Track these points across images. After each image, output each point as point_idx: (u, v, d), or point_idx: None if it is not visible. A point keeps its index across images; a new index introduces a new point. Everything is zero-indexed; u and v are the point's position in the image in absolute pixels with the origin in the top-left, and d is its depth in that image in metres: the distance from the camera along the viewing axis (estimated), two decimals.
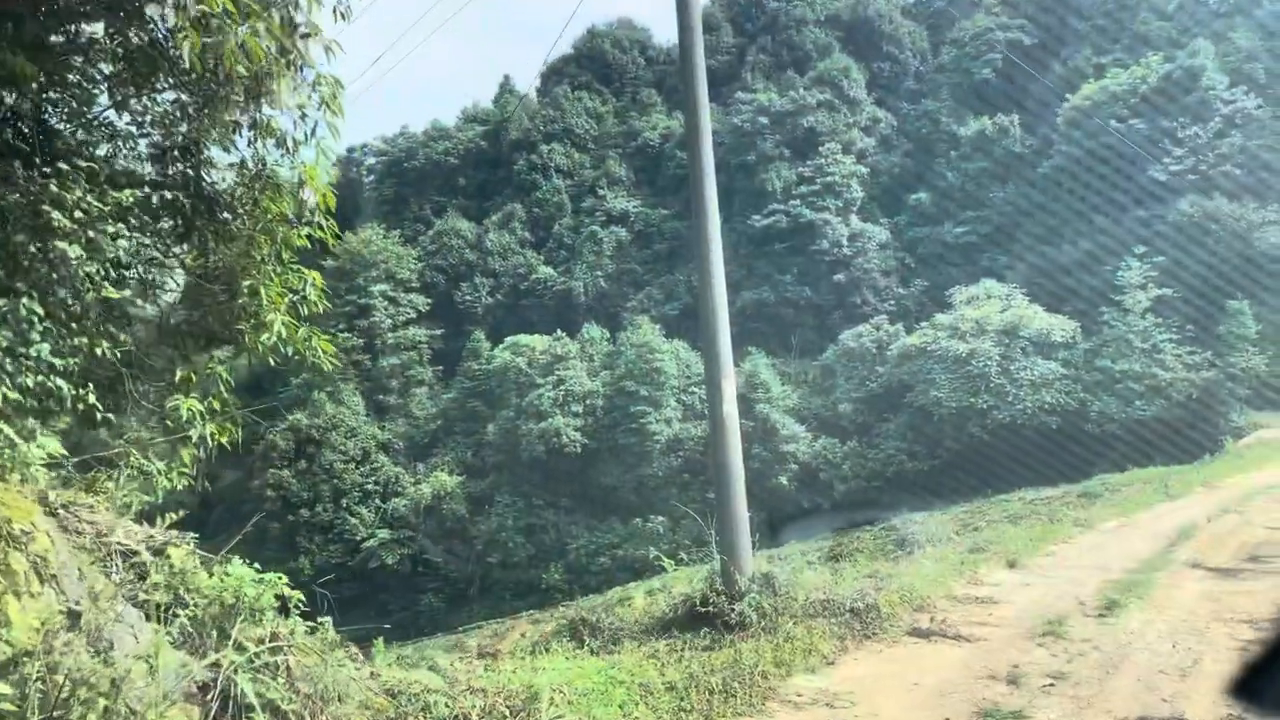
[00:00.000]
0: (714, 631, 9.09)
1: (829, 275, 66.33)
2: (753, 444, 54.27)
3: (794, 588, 9.71)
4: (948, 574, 12.32)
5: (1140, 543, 15.45)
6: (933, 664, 8.64)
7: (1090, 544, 15.65)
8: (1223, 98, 54.96)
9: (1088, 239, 58.26)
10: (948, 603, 11.10)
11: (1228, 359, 45.03)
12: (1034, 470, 44.86)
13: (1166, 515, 19.25)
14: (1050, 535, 15.92)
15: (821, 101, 72.21)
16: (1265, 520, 17.86)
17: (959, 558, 13.55)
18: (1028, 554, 14.23)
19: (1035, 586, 12.10)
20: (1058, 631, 9.45)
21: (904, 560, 14.29)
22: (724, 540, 9.76)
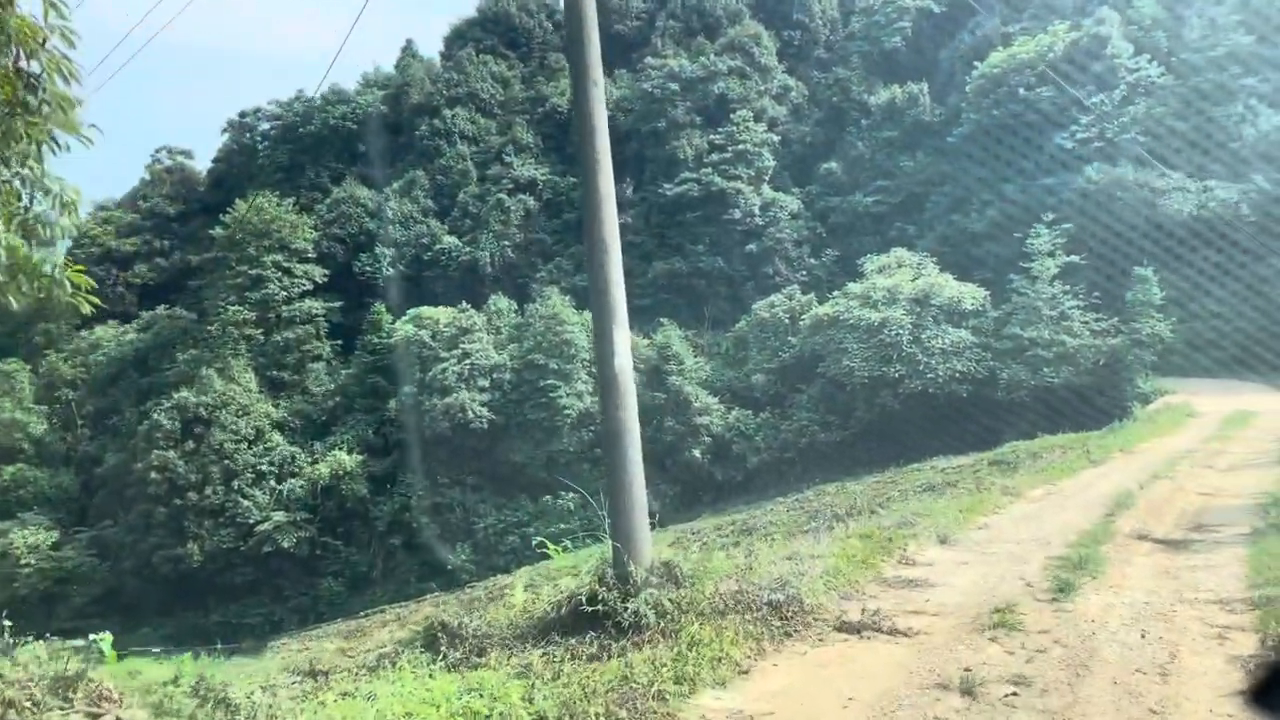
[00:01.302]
0: (603, 636, 7.41)
1: (741, 245, 65.21)
2: (665, 417, 53.07)
3: (701, 577, 8.07)
4: (875, 553, 10.87)
5: (1075, 512, 14.31)
6: (868, 668, 7.12)
7: (1022, 514, 14.45)
8: (1127, 66, 55.20)
9: (996, 207, 58.23)
10: (878, 588, 9.63)
11: (1134, 325, 45.13)
12: (945, 439, 44.54)
13: (1094, 482, 18.30)
14: (979, 506, 14.68)
15: (733, 68, 70.81)
16: (1196, 486, 17.01)
17: (886, 534, 12.13)
18: (959, 528, 12.92)
19: (973, 565, 10.73)
20: (1010, 622, 8.02)
21: (825, 536, 12.82)
22: (617, 523, 8.10)
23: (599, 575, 7.92)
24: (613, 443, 8.06)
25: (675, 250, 65.39)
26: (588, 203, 8.43)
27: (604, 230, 8.18)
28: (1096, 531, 12.29)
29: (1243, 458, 21.74)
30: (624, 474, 8.05)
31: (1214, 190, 48.44)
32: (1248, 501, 14.92)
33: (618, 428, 8.02)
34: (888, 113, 68.46)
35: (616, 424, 8.01)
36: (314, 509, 57.60)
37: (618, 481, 8.08)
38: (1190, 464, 20.28)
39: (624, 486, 8.07)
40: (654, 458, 53.62)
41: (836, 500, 40.71)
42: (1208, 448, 23.94)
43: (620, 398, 7.99)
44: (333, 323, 67.79)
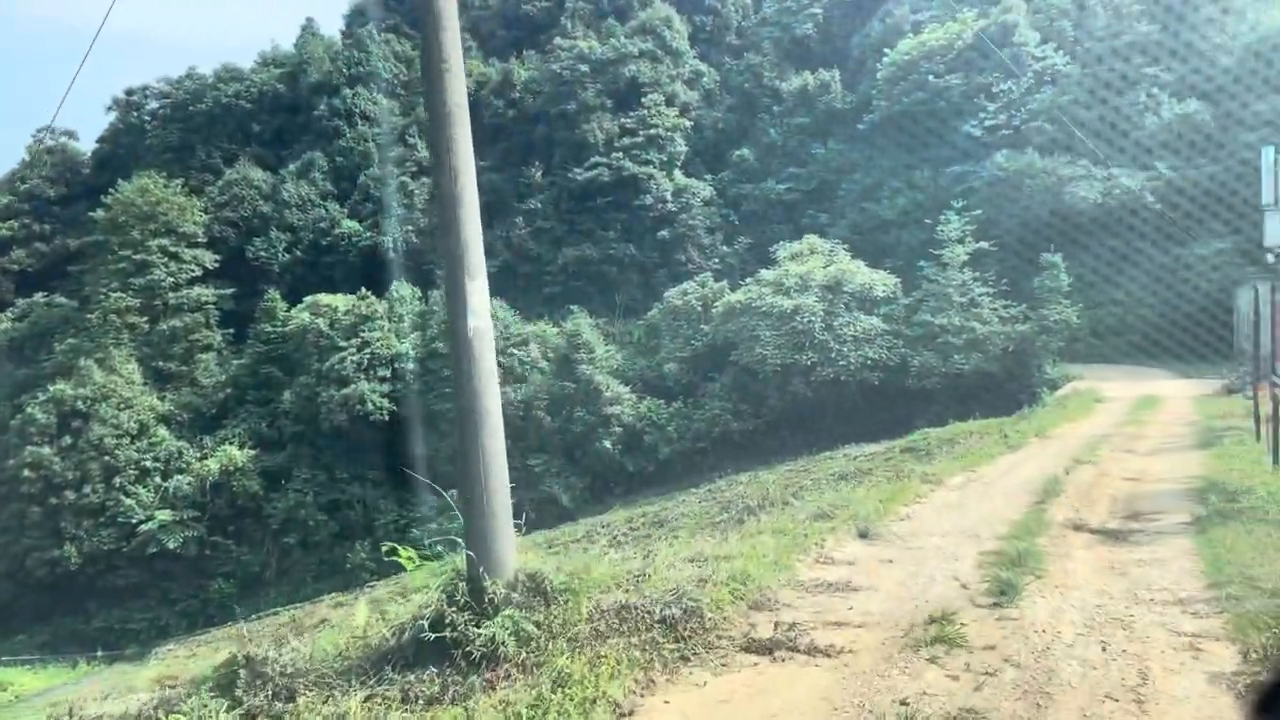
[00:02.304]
0: (450, 670, 5.86)
1: (653, 232, 63.96)
2: (575, 407, 51.53)
3: (578, 591, 6.56)
4: (790, 550, 9.51)
5: (1001, 500, 13.24)
6: (783, 701, 5.71)
7: (945, 504, 13.31)
8: (1034, 54, 55.49)
9: (907, 195, 58.15)
10: (794, 593, 8.26)
11: (1042, 312, 45.20)
12: (857, 426, 44.04)
13: (1014, 468, 17.37)
14: (900, 495, 13.50)
15: (644, 51, 69.37)
16: (1120, 471, 16.20)
17: (800, 528, 10.82)
18: (880, 519, 11.67)
19: (899, 563, 9.45)
20: (949, 635, 6.71)
21: (735, 532, 11.44)
22: (472, 526, 6.54)
23: (449, 592, 6.34)
24: (466, 424, 6.49)
25: (586, 236, 63.82)
26: (433, 115, 6.81)
27: (455, 156, 6.57)
28: (1028, 522, 11.17)
29: (1160, 442, 21.20)
30: (479, 463, 6.49)
31: (1119, 178, 48.85)
32: (1177, 486, 14.09)
33: (472, 404, 6.45)
34: (800, 100, 67.93)
35: (470, 400, 6.44)
36: (202, 507, 54.44)
37: (472, 472, 6.51)
38: (1110, 448, 19.59)
39: (479, 478, 6.51)
40: (564, 449, 52.13)
41: (749, 490, 39.68)
42: (1123, 432, 23.44)
43: (475, 366, 6.42)
44: (224, 311, 64.35)
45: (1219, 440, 19.37)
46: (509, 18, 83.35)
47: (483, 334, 6.46)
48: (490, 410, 6.52)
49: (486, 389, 6.45)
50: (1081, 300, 46.51)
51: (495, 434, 6.59)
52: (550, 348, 55.29)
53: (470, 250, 6.50)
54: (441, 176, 6.50)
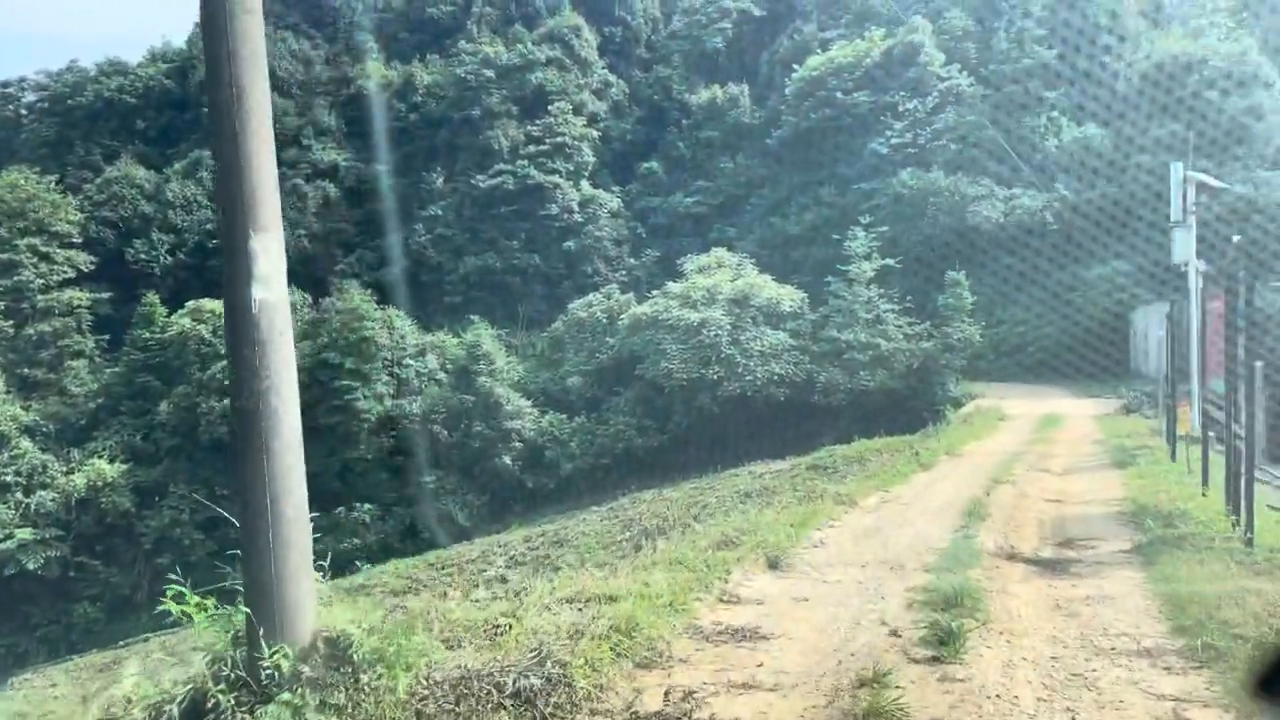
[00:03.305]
0: None
1: (559, 242, 62.42)
2: (474, 421, 49.44)
3: (396, 658, 4.92)
4: (688, 587, 8.04)
5: (923, 524, 12.03)
6: None
7: (861, 528, 12.04)
8: (939, 74, 55.89)
9: (814, 210, 57.93)
10: (691, 644, 6.77)
11: (945, 330, 45.09)
12: (763, 443, 43.15)
13: (930, 488, 16.30)
14: (811, 519, 12.18)
15: (551, 59, 67.97)
16: (1040, 492, 15.26)
17: (702, 557, 9.36)
18: (791, 546, 10.31)
19: (817, 602, 8.06)
20: (885, 708, 5.29)
21: (628, 561, 9.93)
22: (252, 571, 4.86)
23: (221, 661, 4.67)
24: (246, 431, 4.80)
25: (489, 245, 61.90)
26: (209, 57, 5.08)
27: (240, 64, 4.91)
28: (957, 550, 9.93)
29: (1072, 461, 20.54)
30: (263, 485, 4.81)
31: (1020, 198, 49.28)
32: (1104, 509, 13.15)
33: (255, 404, 4.74)
34: (708, 113, 67.38)
35: (253, 399, 4.74)
36: (68, 525, 50.45)
37: (254, 498, 4.82)
38: (1024, 467, 18.77)
39: (263, 506, 4.82)
40: (461, 464, 49.96)
41: (653, 508, 38.44)
42: (1033, 450, 22.81)
43: (262, 353, 4.73)
44: (99, 315, 60.33)
45: (1133, 460, 18.70)
46: (414, 21, 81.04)
47: (273, 309, 4.80)
48: (283, 413, 4.86)
49: (278, 384, 4.79)
50: (984, 319, 46.63)
51: (290, 446, 4.93)
52: (449, 359, 53.16)
53: (259, 196, 4.85)
54: (218, 92, 4.84)
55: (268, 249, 4.77)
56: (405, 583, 35.85)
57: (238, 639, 4.79)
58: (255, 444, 4.74)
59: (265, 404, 4.73)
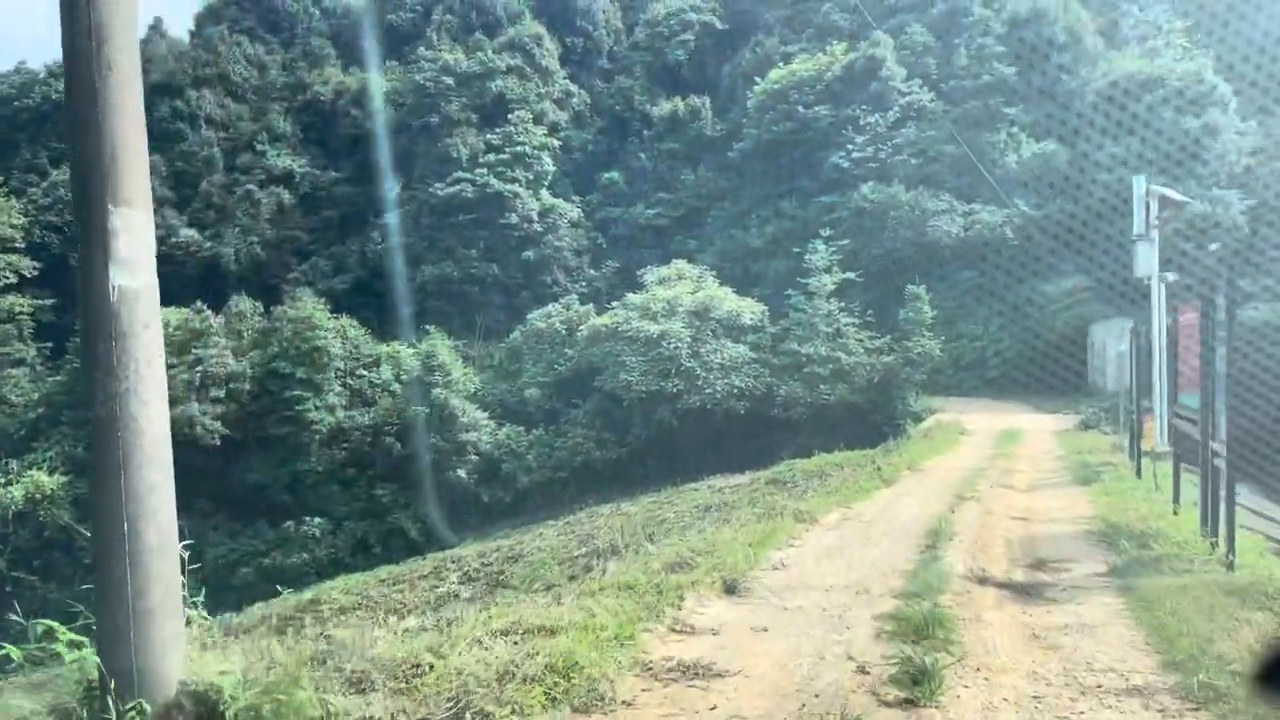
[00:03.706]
0: None
1: (518, 252, 61.60)
2: (429, 433, 48.38)
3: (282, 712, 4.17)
4: (637, 616, 7.37)
5: (888, 544, 11.45)
6: None
7: (823, 547, 11.44)
8: (900, 89, 55.97)
9: (775, 223, 57.69)
10: (638, 683, 6.09)
11: (906, 344, 44.92)
12: (722, 456, 42.59)
13: (893, 505, 15.77)
14: (771, 537, 11.55)
15: (512, 67, 67.29)
16: (1006, 509, 14.78)
17: (654, 580, 8.68)
18: (749, 568, 9.67)
19: (777, 632, 7.41)
20: None
21: (575, 585, 9.22)
22: (106, 611, 4.11)
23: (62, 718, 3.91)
24: (102, 443, 4.07)
25: (446, 254, 60.93)
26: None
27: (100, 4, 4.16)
28: (924, 573, 9.34)
29: (1035, 477, 20.18)
30: (118, 505, 4.07)
31: (980, 213, 49.35)
32: (1073, 528, 12.67)
33: (114, 412, 4.01)
34: (670, 125, 67.03)
35: (111, 404, 4.00)
36: (4, 539, 48.59)
37: (109, 522, 4.08)
38: (987, 483, 18.32)
39: (118, 532, 4.08)
40: (414, 478, 48.87)
41: (611, 522, 37.78)
42: (995, 466, 22.42)
43: (122, 351, 4.00)
44: (42, 323, 58.49)
45: (1098, 476, 18.34)
46: (374, 27, 79.90)
47: (135, 298, 4.06)
48: (146, 420, 4.11)
49: (139, 386, 4.05)
50: (944, 333, 46.54)
51: (155, 460, 4.20)
52: (404, 369, 52.08)
53: (122, 162, 4.10)
54: (74, 38, 4.09)
55: (131, 227, 4.03)
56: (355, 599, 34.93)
57: (91, 691, 4.03)
58: (110, 457, 4.01)
59: (123, 409, 4.00)
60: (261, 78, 73.13)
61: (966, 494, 16.18)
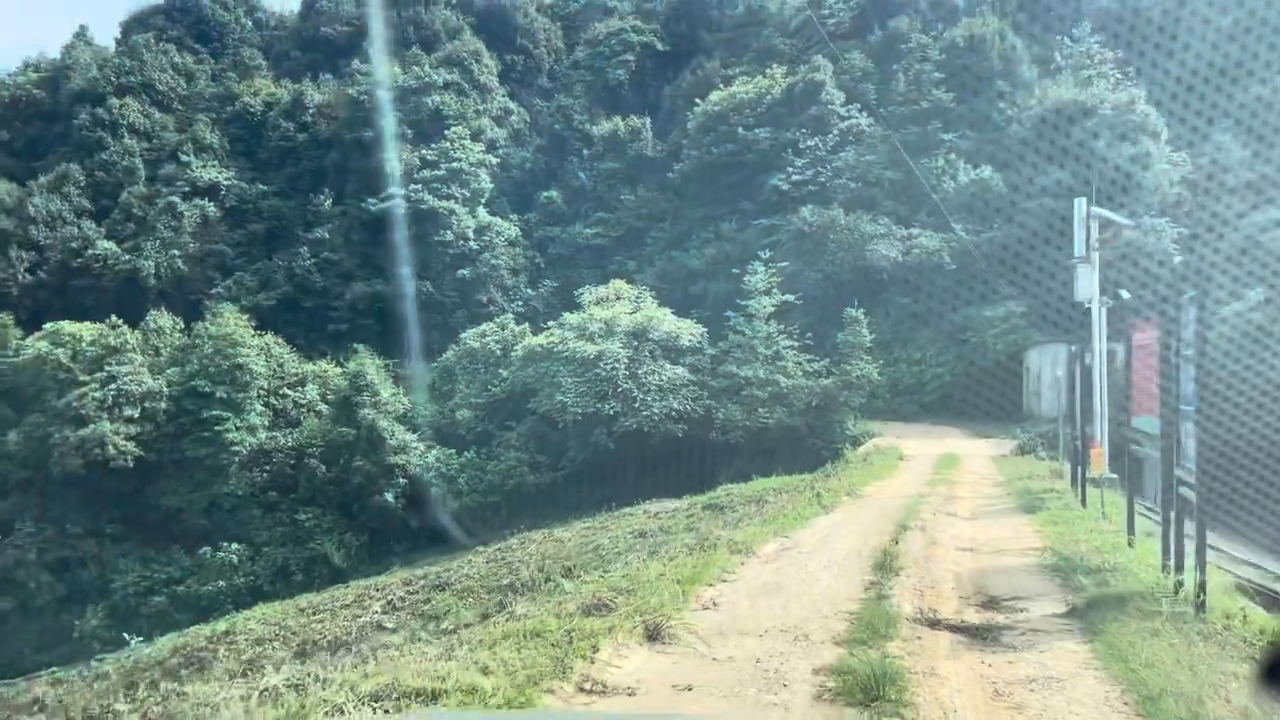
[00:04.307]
0: None
1: (453, 270, 60.29)
2: (355, 455, 46.67)
3: None
4: (541, 672, 6.29)
5: (828, 578, 10.53)
6: None
7: (759, 583, 10.48)
8: (840, 113, 56.05)
9: (715, 245, 57.22)
10: None
11: (844, 367, 44.53)
12: (659, 480, 41.62)
13: (833, 533, 14.91)
14: (704, 572, 10.55)
15: (449, 83, 66.18)
16: (951, 539, 14.01)
17: (569, 625, 7.61)
18: (677, 609, 8.65)
19: (703, 689, 6.39)
20: None
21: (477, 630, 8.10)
22: None
23: None
24: None
25: (378, 271, 59.35)
26: None
27: None
28: (870, 614, 8.41)
29: (978, 504, 19.56)
30: None
31: (918, 238, 49.33)
32: (1023, 560, 11.89)
33: None
34: (610, 144, 66.36)
35: None
36: None
37: None
38: (930, 511, 17.58)
39: None
40: (340, 501, 47.09)
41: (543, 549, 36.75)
42: (936, 492, 21.75)
43: None
44: None
45: (1042, 504, 17.71)
46: (306, 40, 78.47)
47: None
48: None
49: None
50: (882, 357, 46.31)
51: None
52: (331, 389, 50.32)
53: None
54: None
55: None
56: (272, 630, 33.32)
57: None
58: None
59: None
60: (189, 87, 70.92)
61: (909, 522, 15.38)
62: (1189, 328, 8.44)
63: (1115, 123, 46.39)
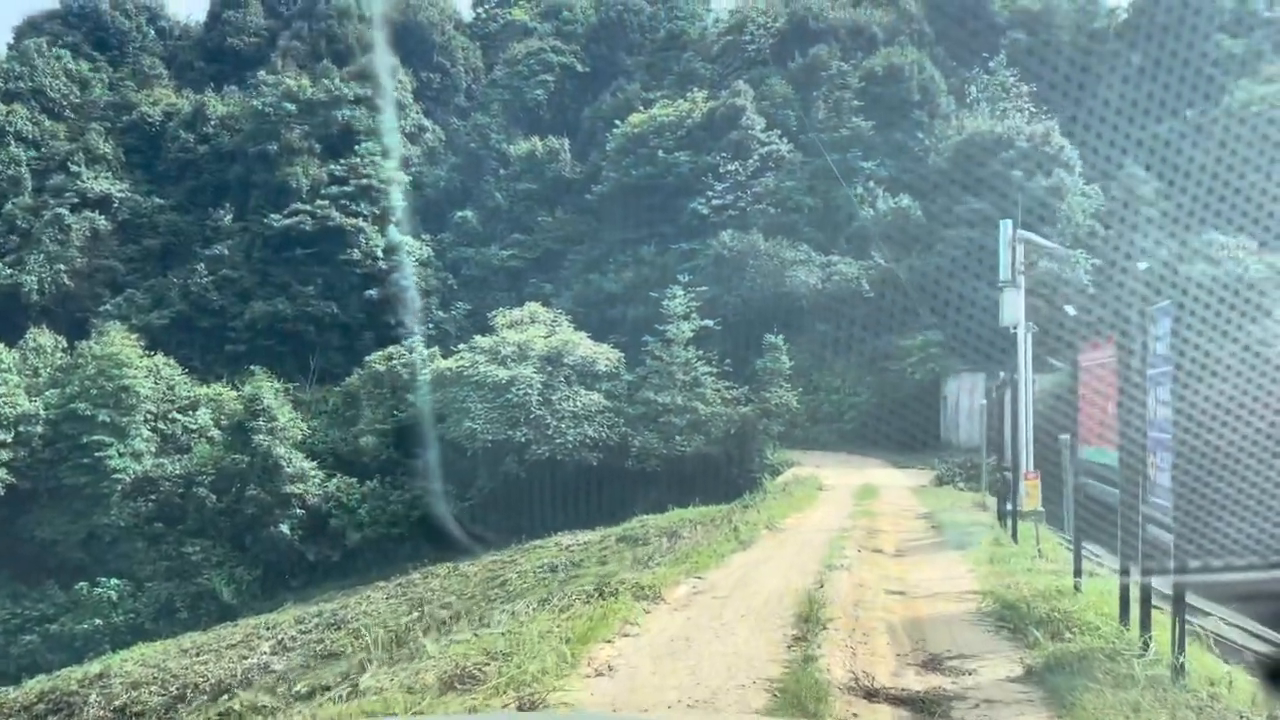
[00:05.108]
0: None
1: (360, 290, 57.99)
2: (248, 484, 43.96)
3: None
4: None
5: (746, 632, 9.07)
6: None
7: (665, 639, 8.97)
8: (760, 138, 55.61)
9: (634, 269, 56.11)
10: None
11: (763, 394, 43.63)
12: (572, 511, 40.12)
13: (751, 573, 13.52)
14: (601, 626, 9.00)
15: (361, 97, 63.98)
16: (880, 581, 12.73)
17: (420, 704, 5.98)
18: (561, 676, 7.09)
19: None
20: None
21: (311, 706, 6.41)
22: None
23: None
24: None
25: (280, 290, 56.73)
26: None
27: None
28: (794, 682, 6.97)
29: (903, 539, 18.46)
30: None
31: (838, 265, 48.88)
32: (962, 607, 10.64)
33: None
34: (528, 165, 64.90)
35: None
36: None
37: None
38: (853, 546, 16.36)
39: None
40: (231, 533, 44.32)
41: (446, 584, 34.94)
42: (859, 525, 20.65)
43: None
44: None
45: (970, 540, 16.61)
46: (211, 50, 75.46)
47: None
48: None
49: None
50: (801, 385, 45.55)
51: None
52: (226, 414, 47.50)
53: None
54: None
55: None
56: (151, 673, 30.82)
57: None
58: None
59: None
60: (83, 95, 67.35)
61: (833, 560, 14.08)
62: (1161, 341, 7.26)
63: (1031, 154, 46.67)
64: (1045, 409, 21.23)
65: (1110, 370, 9.00)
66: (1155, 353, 7.44)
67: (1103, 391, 9.38)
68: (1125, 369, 8.50)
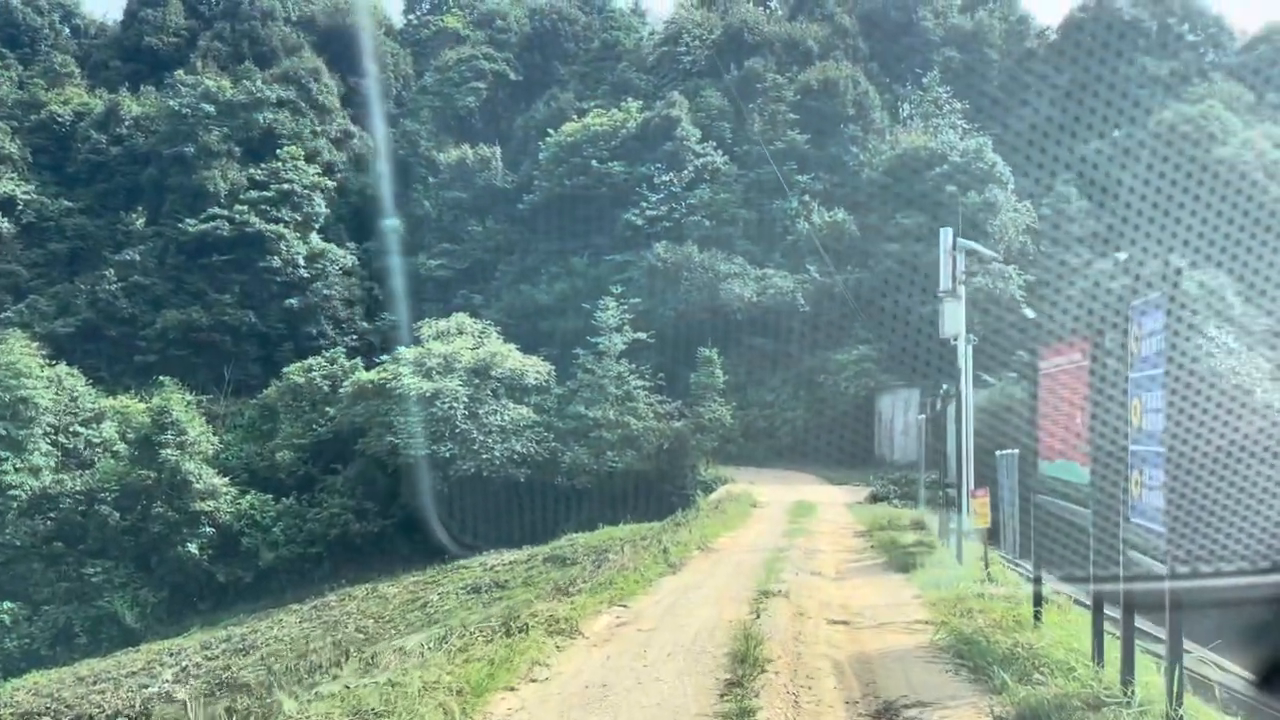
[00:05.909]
0: None
1: (280, 299, 55.73)
2: (155, 501, 41.55)
3: None
4: None
5: (672, 676, 7.88)
6: None
7: (581, 685, 7.74)
8: (695, 150, 54.94)
9: (566, 280, 54.91)
10: None
11: (697, 409, 42.69)
12: (499, 528, 38.70)
13: (680, 600, 12.34)
14: (504, 670, 7.75)
15: (284, 100, 61.82)
16: (820, 609, 11.66)
17: None
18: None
19: None
20: None
21: None
22: None
23: None
24: None
25: (195, 298, 54.25)
26: None
27: None
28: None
29: (842, 560, 17.51)
30: None
31: (772, 278, 48.24)
32: (912, 639, 9.59)
33: None
34: (458, 173, 63.31)
35: None
36: None
37: None
38: (791, 569, 15.33)
39: None
40: (135, 553, 41.83)
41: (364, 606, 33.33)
42: (795, 545, 19.68)
43: None
44: None
45: (913, 561, 15.71)
46: (128, 49, 72.45)
47: None
48: None
49: None
50: (735, 399, 44.75)
51: None
52: (132, 427, 44.99)
53: None
54: None
55: None
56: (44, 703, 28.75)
57: None
58: None
59: None
60: None
61: (770, 585, 12.99)
62: (1151, 340, 6.29)
63: (964, 169, 46.65)
64: (981, 425, 20.54)
65: (1079, 377, 8.04)
66: (1141, 354, 6.47)
67: (1069, 400, 8.42)
68: (1101, 372, 7.55)
